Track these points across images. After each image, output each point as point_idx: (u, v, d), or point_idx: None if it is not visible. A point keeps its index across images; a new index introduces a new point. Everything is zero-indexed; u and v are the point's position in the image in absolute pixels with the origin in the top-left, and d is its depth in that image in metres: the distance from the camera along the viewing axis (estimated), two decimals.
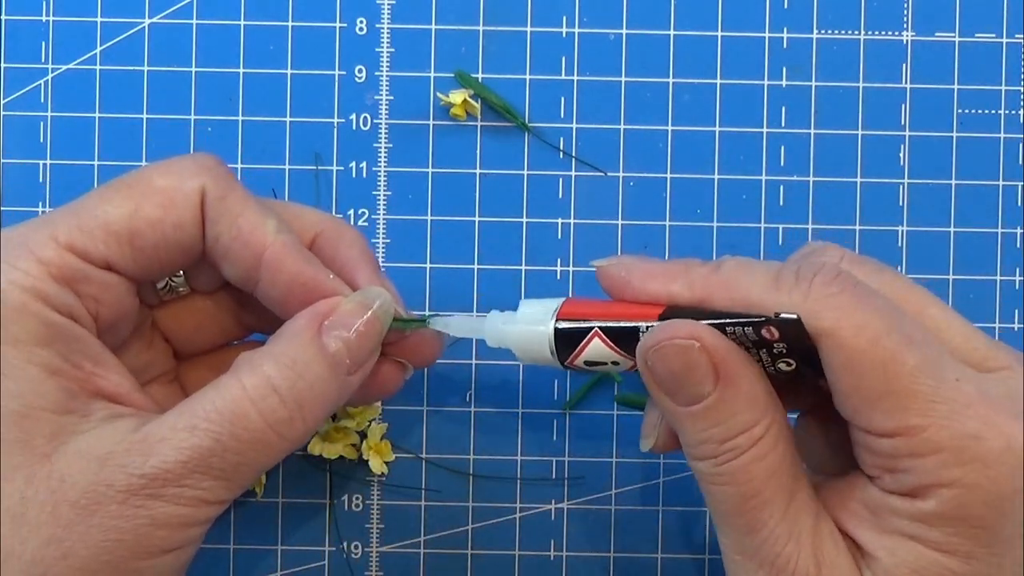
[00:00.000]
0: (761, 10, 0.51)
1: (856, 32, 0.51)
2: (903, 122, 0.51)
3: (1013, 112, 0.51)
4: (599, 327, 0.41)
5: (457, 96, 0.51)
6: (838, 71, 0.51)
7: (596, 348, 0.42)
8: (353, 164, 0.51)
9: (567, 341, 0.42)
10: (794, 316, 0.38)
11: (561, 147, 0.51)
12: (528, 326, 0.42)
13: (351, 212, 0.51)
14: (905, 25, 0.51)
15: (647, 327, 0.40)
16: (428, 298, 0.51)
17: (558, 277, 0.51)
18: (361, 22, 0.51)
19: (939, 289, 0.51)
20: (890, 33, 0.51)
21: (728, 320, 0.39)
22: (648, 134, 0.51)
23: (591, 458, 0.51)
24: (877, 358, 0.38)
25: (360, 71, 0.51)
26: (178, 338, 0.46)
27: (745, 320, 0.39)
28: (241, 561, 0.51)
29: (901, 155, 0.51)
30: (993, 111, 0.51)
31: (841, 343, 0.38)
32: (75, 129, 0.51)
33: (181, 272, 0.45)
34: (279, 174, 0.51)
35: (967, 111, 0.51)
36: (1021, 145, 0.51)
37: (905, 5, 0.51)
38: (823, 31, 0.51)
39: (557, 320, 0.42)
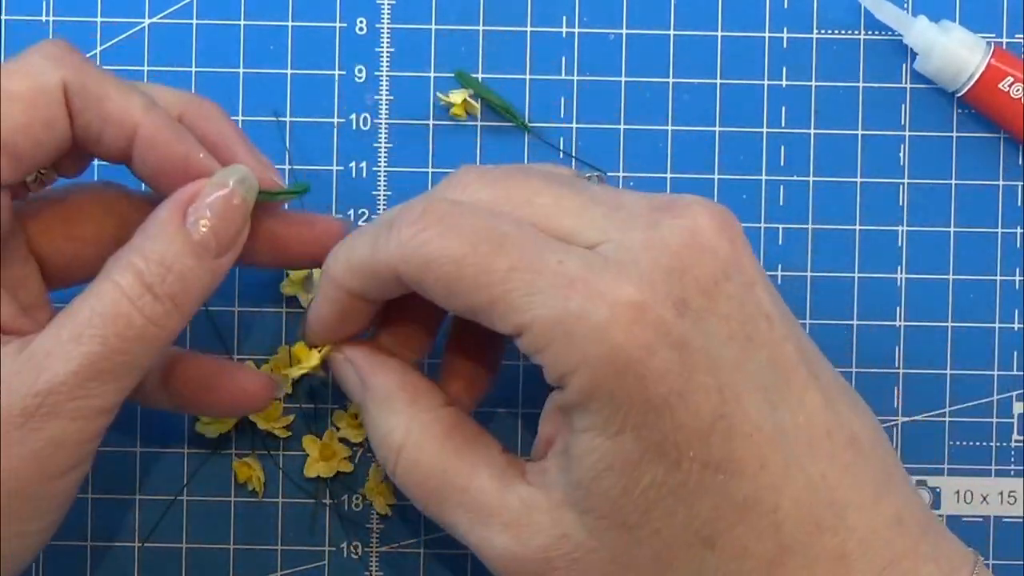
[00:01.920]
0: (761, 10, 0.51)
1: (856, 32, 0.51)
2: (903, 122, 0.51)
3: None
4: None
5: (457, 96, 0.51)
6: (838, 71, 0.51)
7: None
8: (353, 164, 0.51)
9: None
10: None
11: (561, 147, 0.51)
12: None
13: (351, 212, 0.51)
14: None
15: None
16: None
17: None
18: (361, 22, 0.51)
19: (939, 289, 0.51)
20: (890, 33, 0.51)
21: None
22: (648, 134, 0.51)
23: None
24: (469, 276, 0.39)
25: (360, 71, 0.51)
26: (52, 249, 0.45)
27: None
28: (241, 561, 0.51)
29: (901, 155, 0.51)
30: None
31: (434, 278, 0.40)
32: None
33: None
34: (279, 174, 0.51)
35: (967, 111, 0.51)
36: (1021, 145, 0.51)
37: (905, 5, 0.51)
38: (823, 31, 0.51)
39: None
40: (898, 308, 0.51)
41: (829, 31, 0.51)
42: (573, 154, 0.51)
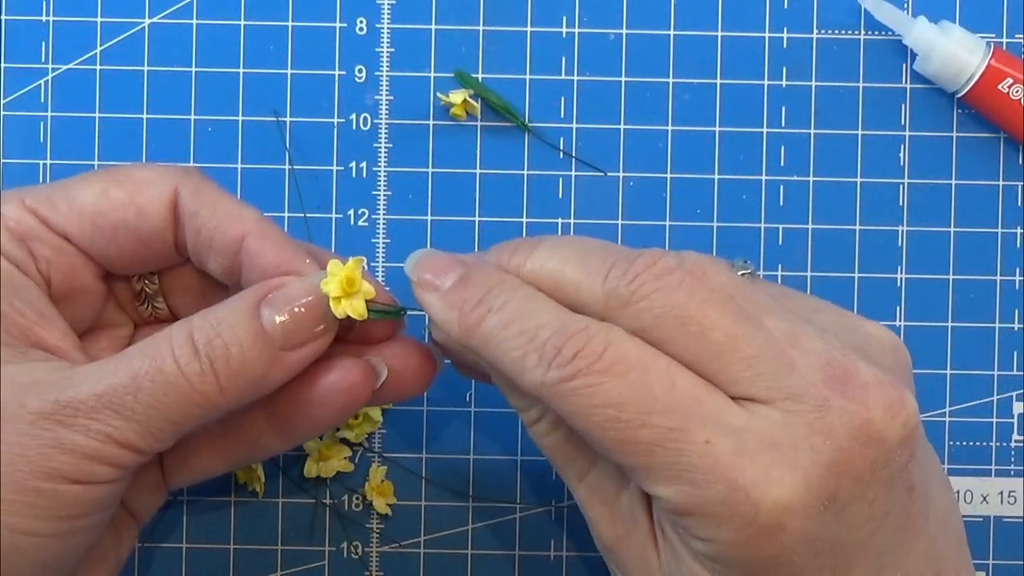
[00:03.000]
0: (761, 10, 0.51)
1: (856, 32, 0.51)
2: (903, 122, 0.51)
3: None
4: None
5: (457, 96, 0.51)
6: (838, 71, 0.51)
7: None
8: (353, 164, 0.51)
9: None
10: None
11: (561, 147, 0.51)
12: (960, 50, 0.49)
13: (351, 212, 0.51)
14: None
15: None
16: None
17: None
18: (361, 22, 0.51)
19: (939, 289, 0.51)
20: (890, 33, 0.51)
21: None
22: (648, 134, 0.51)
23: None
24: (612, 438, 0.38)
25: (360, 71, 0.51)
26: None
27: None
28: (241, 561, 0.51)
29: (901, 155, 0.51)
30: None
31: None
32: (75, 129, 0.51)
33: (157, 285, 0.46)
34: (279, 174, 0.51)
35: (967, 111, 0.51)
36: (1021, 145, 0.51)
37: (905, 5, 0.51)
38: (823, 31, 0.51)
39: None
40: (898, 308, 0.51)
41: (829, 31, 0.51)
42: (573, 154, 0.51)
